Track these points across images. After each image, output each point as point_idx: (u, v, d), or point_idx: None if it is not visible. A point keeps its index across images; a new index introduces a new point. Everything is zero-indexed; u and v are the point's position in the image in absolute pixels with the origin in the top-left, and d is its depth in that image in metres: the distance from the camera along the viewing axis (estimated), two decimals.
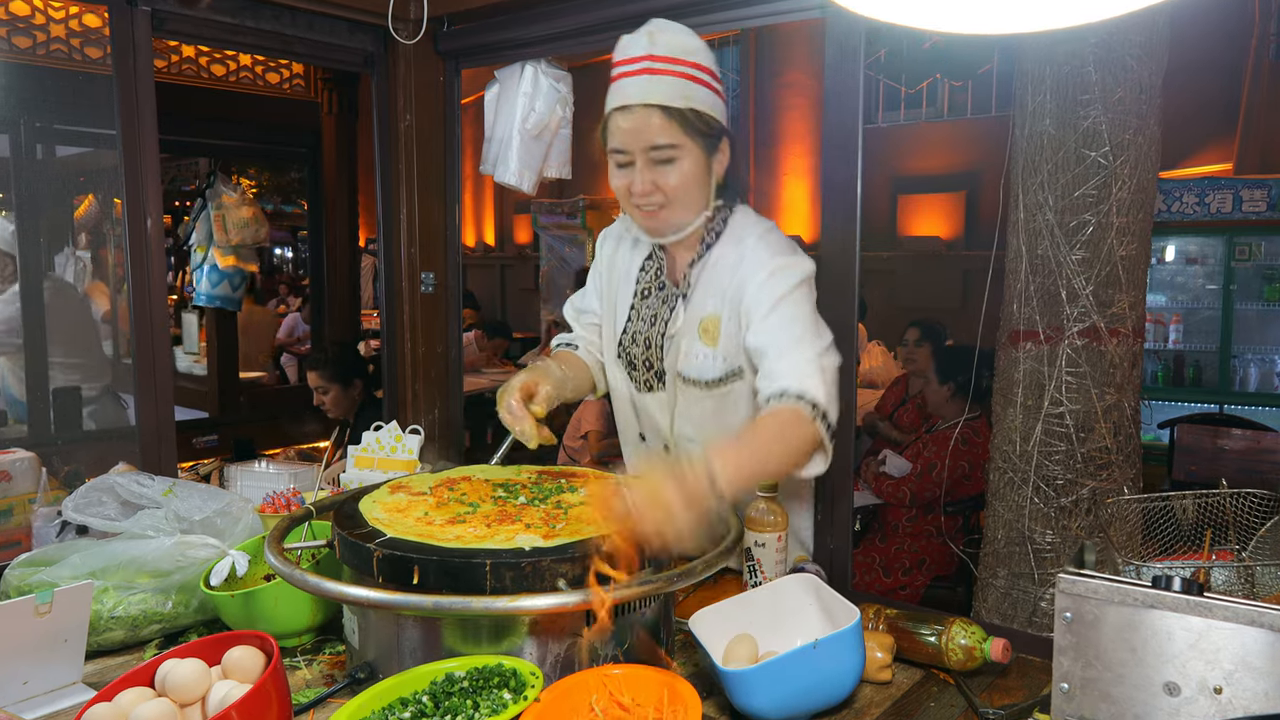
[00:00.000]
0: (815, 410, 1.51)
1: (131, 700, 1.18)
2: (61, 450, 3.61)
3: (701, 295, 1.74)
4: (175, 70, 4.45)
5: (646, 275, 1.85)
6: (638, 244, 1.89)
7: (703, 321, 1.73)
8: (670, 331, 1.77)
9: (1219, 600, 0.99)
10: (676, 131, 1.62)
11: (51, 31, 3.60)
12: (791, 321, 1.61)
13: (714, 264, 1.73)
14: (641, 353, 1.82)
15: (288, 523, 1.56)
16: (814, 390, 1.53)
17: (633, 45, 1.65)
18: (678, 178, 1.65)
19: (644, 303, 1.84)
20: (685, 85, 1.62)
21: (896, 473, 3.94)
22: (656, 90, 1.61)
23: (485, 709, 1.15)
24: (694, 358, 1.74)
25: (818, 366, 1.56)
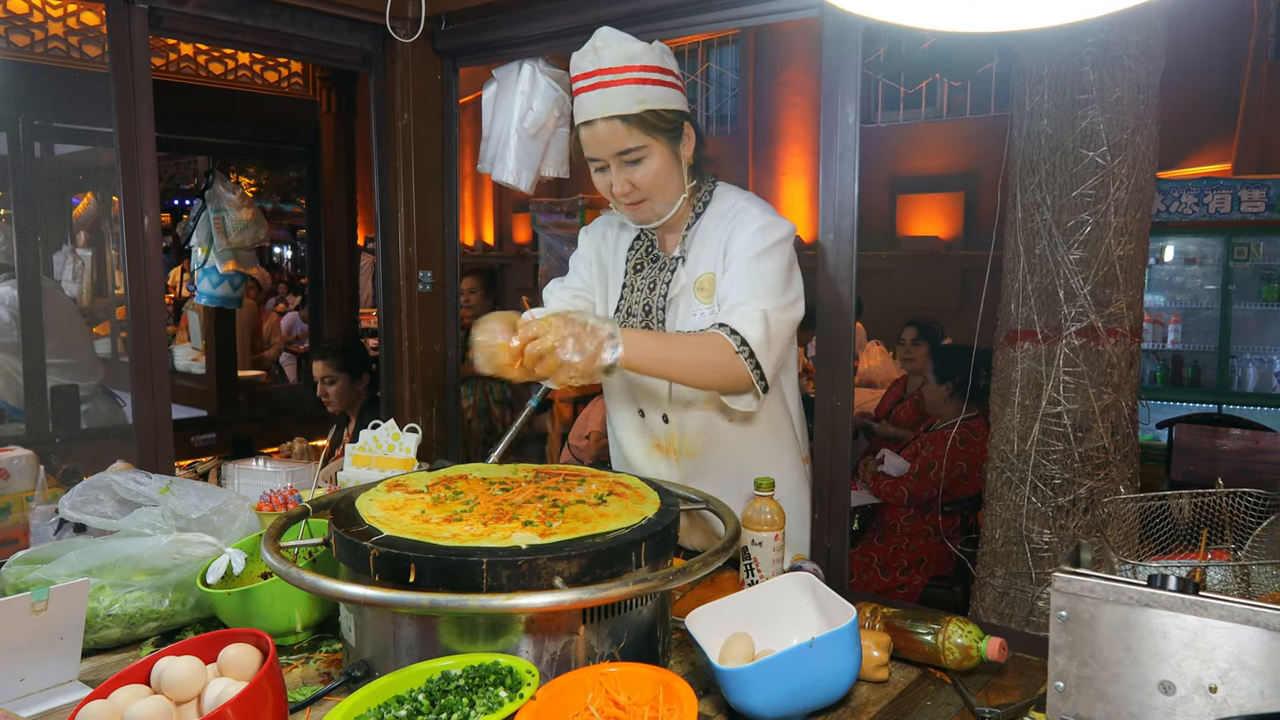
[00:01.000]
0: (743, 347, 1.67)
1: (127, 698, 1.18)
2: (59, 448, 3.61)
3: (696, 256, 1.88)
4: (173, 69, 4.44)
5: (637, 252, 1.99)
6: (625, 226, 2.03)
7: (698, 280, 1.87)
8: (671, 294, 1.89)
9: (1215, 599, 0.99)
10: (639, 134, 1.76)
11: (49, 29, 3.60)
12: (758, 275, 1.75)
13: (705, 229, 1.88)
14: (640, 322, 1.93)
15: (284, 521, 1.56)
16: (748, 330, 1.68)
17: (584, 61, 1.79)
18: (649, 173, 1.80)
19: (638, 275, 1.97)
20: (636, 90, 1.75)
21: (894, 472, 3.95)
22: (612, 103, 1.75)
23: (481, 707, 1.15)
24: (693, 315, 1.86)
25: (761, 314, 1.70)
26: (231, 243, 4.85)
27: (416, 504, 1.49)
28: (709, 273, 1.85)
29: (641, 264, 1.98)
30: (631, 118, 1.75)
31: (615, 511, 1.44)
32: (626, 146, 1.77)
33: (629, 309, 1.96)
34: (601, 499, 1.51)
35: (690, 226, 1.90)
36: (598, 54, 1.77)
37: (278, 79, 4.92)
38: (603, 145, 1.78)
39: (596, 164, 1.83)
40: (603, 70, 1.76)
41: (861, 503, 3.95)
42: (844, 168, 1.93)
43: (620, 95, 1.75)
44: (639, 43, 1.79)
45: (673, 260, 1.91)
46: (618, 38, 1.79)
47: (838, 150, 1.93)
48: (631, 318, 1.95)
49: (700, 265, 1.87)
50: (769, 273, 1.76)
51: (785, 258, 1.80)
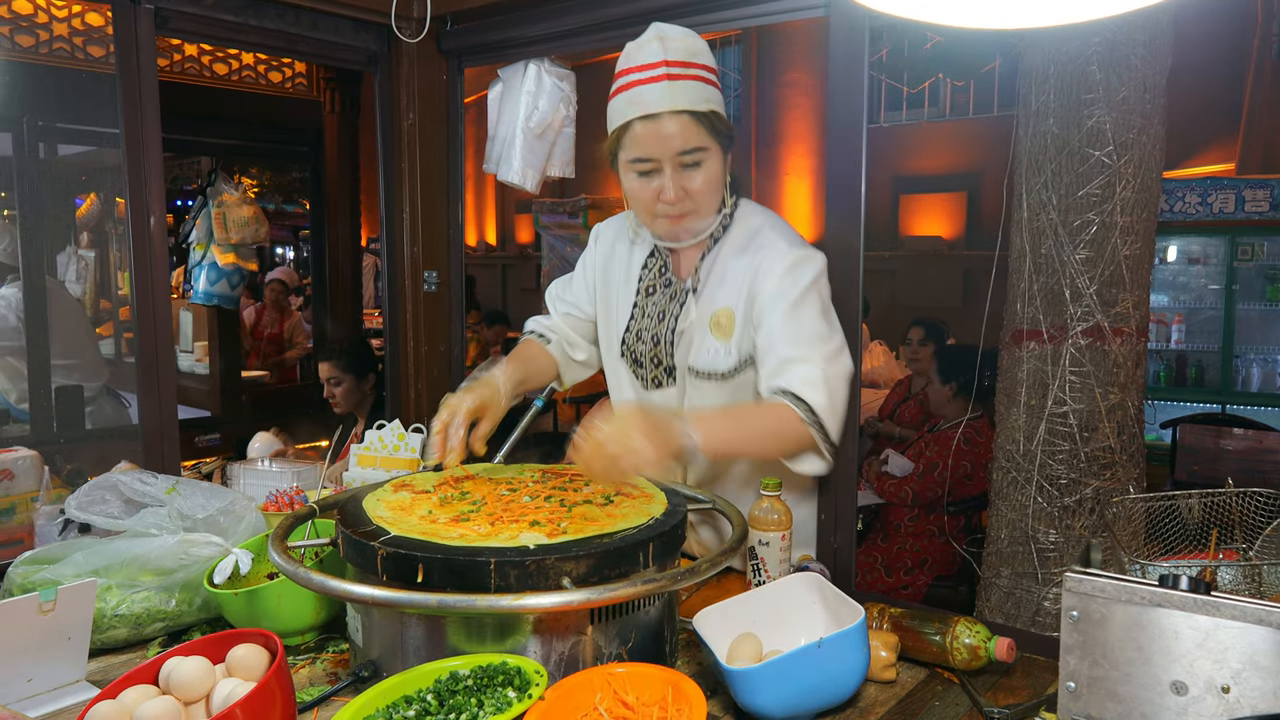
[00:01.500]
0: (811, 415, 1.55)
1: (136, 698, 1.18)
2: (63, 449, 3.61)
3: (713, 289, 1.75)
4: (178, 69, 4.45)
5: (650, 273, 1.85)
6: (638, 242, 1.89)
7: (715, 315, 1.74)
8: (681, 327, 1.77)
9: (1227, 599, 0.99)
10: (704, 135, 1.64)
11: (54, 30, 3.60)
12: (802, 322, 1.63)
13: (724, 258, 1.75)
14: (649, 350, 1.82)
15: (292, 520, 1.56)
16: (813, 396, 1.56)
17: (644, 52, 1.64)
18: (704, 181, 1.66)
19: (649, 300, 1.84)
20: (704, 88, 1.64)
21: (899, 472, 3.94)
22: (681, 96, 1.61)
23: (490, 707, 1.15)
24: (706, 351, 1.75)
25: (823, 375, 1.58)
26: (231, 238, 4.85)
27: (424, 504, 1.49)
28: (726, 308, 1.73)
29: (654, 286, 1.84)
30: (700, 115, 1.62)
31: (623, 512, 1.44)
32: (691, 146, 1.63)
33: (638, 333, 1.85)
34: (609, 499, 1.51)
35: (707, 254, 1.77)
36: (664, 44, 1.63)
37: (281, 79, 4.93)
38: (664, 143, 1.62)
39: (645, 165, 1.66)
40: (670, 63, 1.62)
41: (866, 503, 3.95)
42: (850, 168, 1.92)
43: (691, 90, 1.62)
44: (701, 40, 1.68)
45: (684, 291, 1.79)
46: (681, 31, 1.67)
47: (844, 150, 1.92)
48: (640, 344, 1.85)
49: (717, 300, 1.75)
50: (811, 321, 1.64)
51: (822, 299, 1.69)
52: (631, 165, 1.67)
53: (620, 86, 1.66)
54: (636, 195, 1.70)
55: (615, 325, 1.90)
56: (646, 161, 1.65)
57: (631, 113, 1.63)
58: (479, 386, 1.73)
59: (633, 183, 1.69)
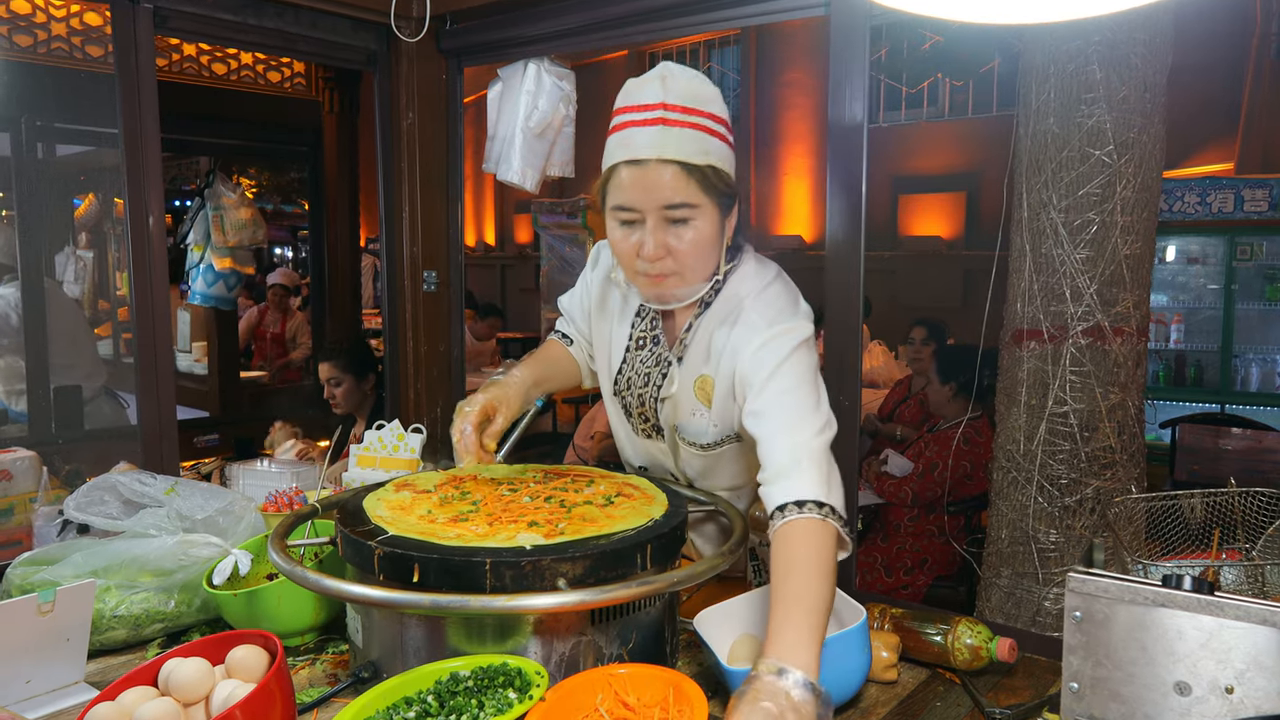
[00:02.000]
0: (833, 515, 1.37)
1: (135, 699, 1.18)
2: (62, 449, 3.60)
3: (694, 357, 1.64)
4: (176, 69, 4.44)
5: (641, 324, 1.73)
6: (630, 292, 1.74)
7: (697, 380, 1.64)
8: (664, 395, 1.67)
9: (1231, 599, 0.99)
10: (695, 190, 1.47)
11: (52, 30, 3.59)
12: (785, 394, 1.48)
13: (706, 327, 1.62)
14: (636, 406, 1.74)
15: (292, 520, 1.56)
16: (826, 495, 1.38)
17: (643, 91, 1.49)
18: (691, 241, 1.50)
19: (638, 354, 1.72)
20: (703, 139, 1.47)
21: (898, 472, 3.94)
22: (674, 144, 1.45)
23: (490, 708, 1.14)
24: (690, 418, 1.66)
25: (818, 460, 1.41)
26: (229, 241, 4.84)
27: (423, 504, 1.48)
28: (705, 375, 1.62)
29: (643, 341, 1.72)
30: (692, 168, 1.46)
31: (622, 513, 1.44)
32: (678, 200, 1.47)
33: (628, 382, 1.74)
34: (609, 500, 1.50)
35: (694, 320, 1.64)
36: (665, 85, 1.47)
37: (280, 79, 4.92)
38: (648, 193, 1.47)
39: (626, 215, 1.50)
40: (669, 106, 1.46)
41: (865, 503, 3.94)
42: (850, 167, 1.92)
43: (687, 139, 1.46)
44: (712, 86, 1.52)
45: (665, 361, 1.67)
46: (689, 74, 1.51)
47: (844, 149, 1.92)
48: (629, 393, 1.74)
49: (699, 368, 1.64)
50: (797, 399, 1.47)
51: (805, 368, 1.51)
52: (614, 213, 1.52)
53: (615, 125, 1.51)
54: (618, 247, 1.55)
55: (610, 363, 1.79)
56: (629, 211, 1.50)
57: (619, 155, 1.48)
58: (491, 386, 1.69)
59: (614, 232, 1.54)
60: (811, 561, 1.32)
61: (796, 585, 1.29)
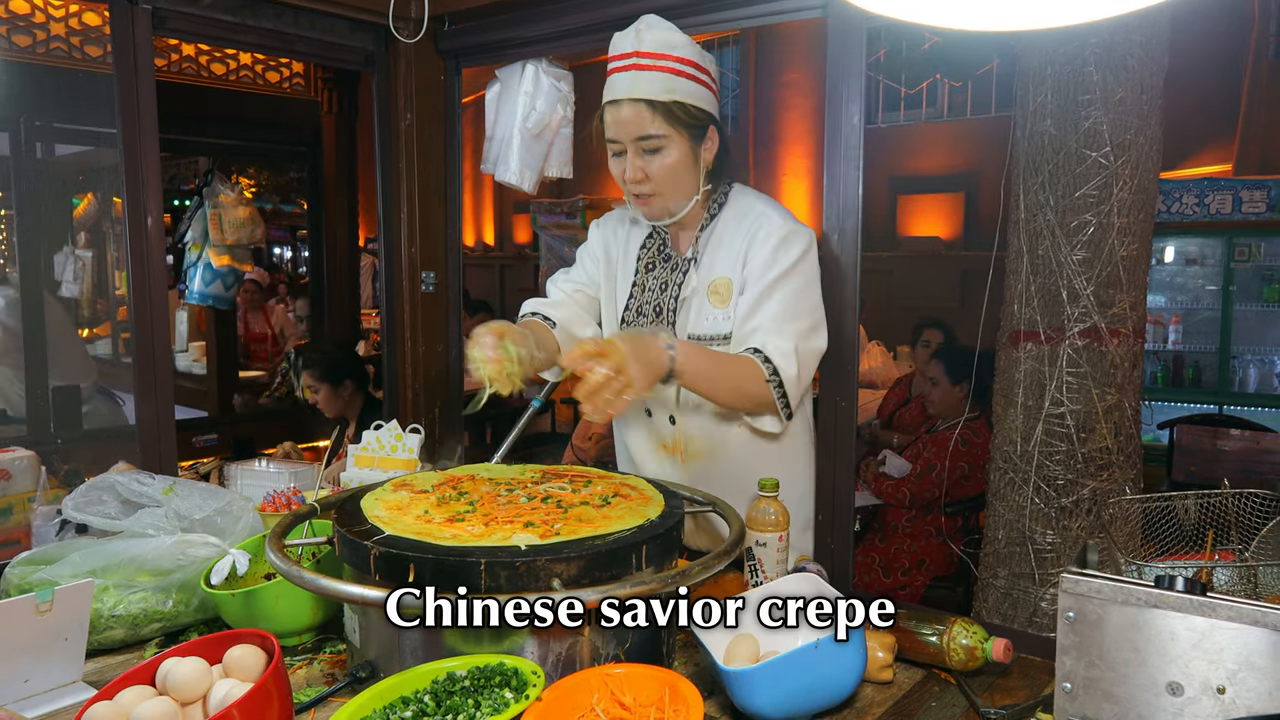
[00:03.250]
0: (774, 376, 1.71)
1: (132, 699, 1.18)
2: (60, 449, 3.61)
3: (710, 259, 1.86)
4: (174, 69, 4.44)
5: (649, 251, 1.97)
6: (637, 223, 2.01)
7: (713, 283, 1.85)
8: (684, 295, 1.88)
9: (1223, 600, 0.99)
10: (661, 123, 1.74)
11: (51, 30, 3.59)
12: (786, 297, 1.76)
13: (721, 231, 1.86)
14: (650, 322, 1.93)
15: (291, 519, 1.56)
16: (783, 364, 1.72)
17: (622, 42, 1.77)
18: (664, 166, 1.77)
19: (649, 274, 1.96)
20: (669, 79, 1.74)
21: (896, 473, 3.94)
22: (642, 85, 1.73)
23: (487, 708, 1.15)
24: (706, 318, 1.85)
25: (794, 348, 1.73)
26: (227, 239, 4.85)
27: (421, 504, 1.49)
28: (724, 277, 1.84)
29: (653, 263, 1.96)
30: (658, 104, 1.73)
31: (619, 514, 1.44)
32: (647, 132, 1.75)
33: (639, 308, 1.95)
34: (606, 500, 1.51)
35: (705, 227, 1.88)
36: (639, 36, 1.75)
37: (279, 79, 4.92)
38: (624, 128, 1.76)
39: (614, 147, 1.81)
40: (640, 54, 1.74)
41: (863, 504, 3.94)
42: (848, 168, 1.92)
43: (652, 80, 1.73)
44: (681, 35, 1.78)
45: (685, 261, 1.90)
46: (662, 25, 1.78)
47: (841, 150, 1.92)
48: (642, 317, 1.95)
49: (715, 269, 1.86)
50: (793, 297, 1.77)
51: (806, 276, 1.80)
52: (606, 144, 1.82)
53: (605, 73, 1.80)
54: (613, 173, 1.84)
55: (616, 303, 2.00)
56: (613, 143, 1.79)
57: (605, 97, 1.79)
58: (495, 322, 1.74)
59: (610, 161, 1.83)
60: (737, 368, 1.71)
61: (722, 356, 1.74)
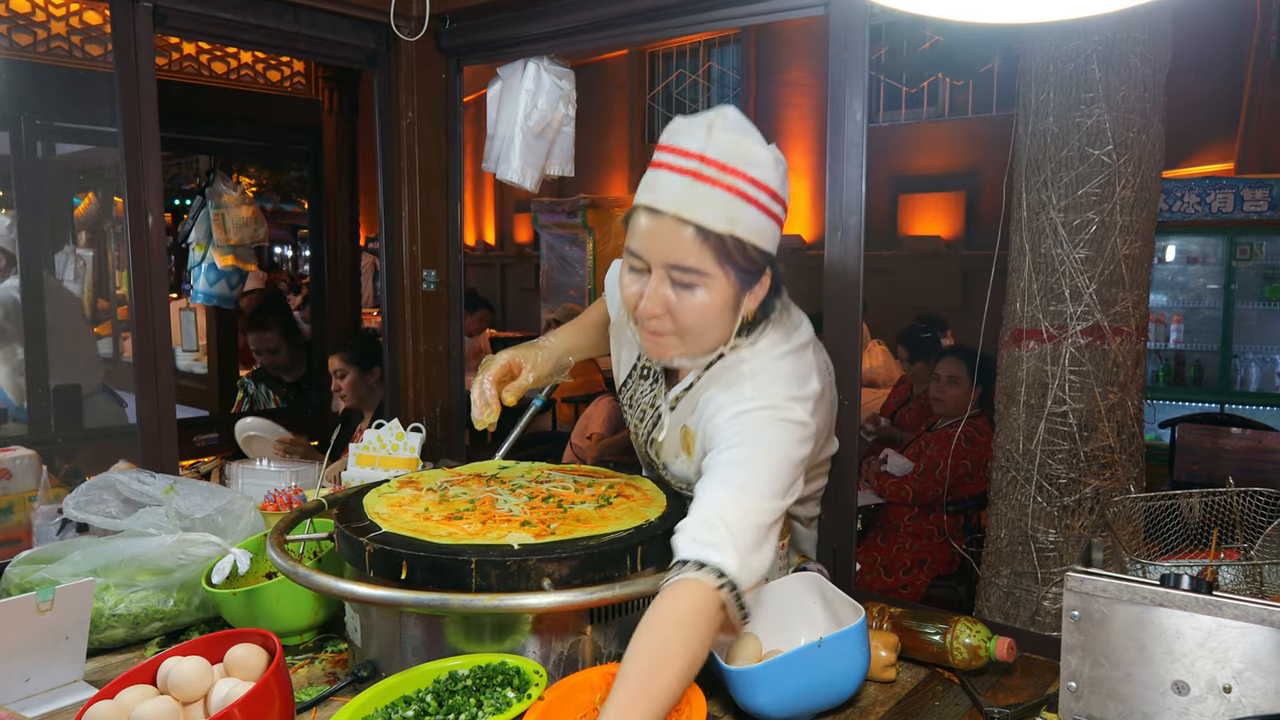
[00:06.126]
0: (728, 587, 1.22)
1: (134, 698, 1.18)
2: (62, 448, 3.60)
3: (684, 408, 1.57)
4: (175, 68, 4.43)
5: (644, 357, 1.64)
6: None
7: (682, 429, 1.57)
8: (656, 437, 1.62)
9: (1229, 599, 0.99)
10: (708, 258, 1.34)
11: (52, 29, 3.59)
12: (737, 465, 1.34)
13: (701, 385, 1.52)
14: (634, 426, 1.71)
15: (294, 517, 1.56)
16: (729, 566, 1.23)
17: (686, 135, 1.36)
18: (694, 308, 1.38)
19: (640, 383, 1.67)
20: (735, 205, 1.33)
21: (898, 471, 3.93)
22: (699, 204, 1.32)
23: (489, 707, 1.15)
24: (677, 463, 1.62)
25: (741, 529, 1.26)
26: (230, 239, 4.85)
27: (421, 501, 1.49)
28: (688, 427, 1.55)
29: (647, 371, 1.65)
30: (710, 234, 1.32)
31: (618, 514, 1.44)
32: (687, 264, 1.34)
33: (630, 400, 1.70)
34: (607, 501, 1.50)
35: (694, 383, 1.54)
36: (710, 134, 1.33)
37: (280, 78, 4.91)
38: (658, 246, 1.35)
39: (634, 261, 1.40)
40: (707, 159, 1.32)
41: (865, 503, 3.93)
42: (850, 166, 1.92)
43: (713, 200, 1.32)
44: (764, 147, 1.36)
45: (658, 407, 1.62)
46: (742, 126, 1.36)
47: (844, 148, 1.92)
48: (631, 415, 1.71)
49: (683, 417, 1.57)
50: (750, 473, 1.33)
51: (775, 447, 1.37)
52: (626, 254, 1.42)
53: (652, 162, 1.39)
54: (623, 290, 1.44)
55: (620, 370, 1.73)
56: (636, 258, 1.39)
57: (643, 198, 1.37)
58: (521, 347, 1.68)
59: (624, 274, 1.44)
60: (670, 636, 1.18)
61: (640, 662, 1.16)
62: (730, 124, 1.35)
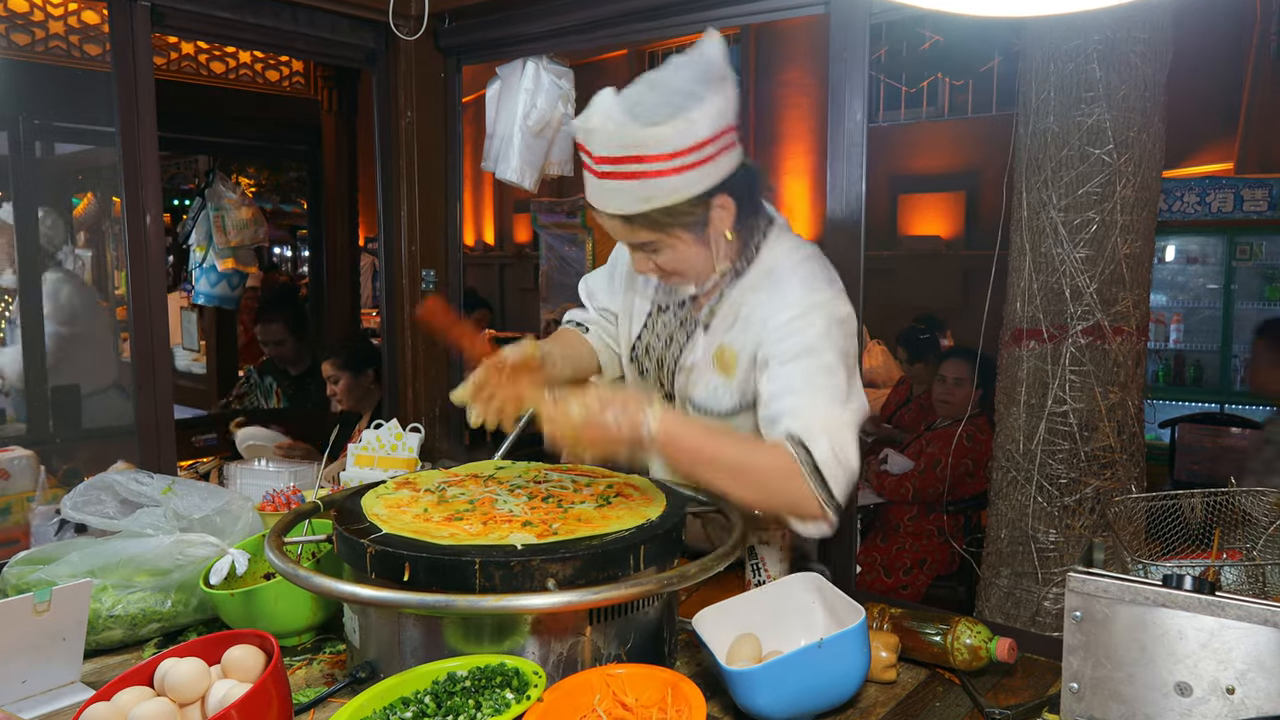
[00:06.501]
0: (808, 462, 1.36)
1: (130, 699, 1.17)
2: (59, 448, 3.60)
3: (721, 325, 1.60)
4: (174, 68, 4.42)
5: (663, 290, 1.71)
6: None
7: (719, 350, 1.60)
8: (686, 360, 1.64)
9: (1232, 599, 0.98)
10: (645, 232, 1.48)
11: (50, 28, 3.58)
12: (814, 373, 1.45)
13: (738, 298, 1.58)
14: (654, 369, 1.72)
15: (291, 518, 1.55)
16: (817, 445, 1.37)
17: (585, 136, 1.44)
18: (669, 260, 1.53)
19: (660, 316, 1.72)
20: (637, 187, 1.41)
21: (898, 471, 3.93)
22: (609, 199, 1.45)
23: (488, 709, 1.14)
24: (707, 387, 1.62)
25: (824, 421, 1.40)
26: (230, 241, 4.84)
27: (421, 502, 1.48)
28: (731, 348, 1.58)
29: (667, 304, 1.71)
30: (635, 216, 1.45)
31: (619, 514, 1.43)
32: (638, 241, 1.50)
33: (647, 346, 1.74)
34: (607, 500, 1.50)
35: (725, 290, 1.60)
36: (589, 137, 1.42)
37: (279, 78, 4.90)
38: (613, 233, 1.53)
39: None
40: (599, 159, 1.42)
41: (865, 503, 3.93)
42: (850, 165, 1.91)
43: (617, 192, 1.43)
44: (647, 127, 1.38)
45: (693, 322, 1.65)
46: (614, 121, 1.39)
47: (844, 147, 1.91)
48: (647, 358, 1.73)
49: (724, 337, 1.59)
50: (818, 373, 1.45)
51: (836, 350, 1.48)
52: None
53: None
54: None
55: (630, 330, 1.78)
56: None
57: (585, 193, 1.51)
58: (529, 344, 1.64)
59: None
60: (754, 457, 1.41)
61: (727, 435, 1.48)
62: (600, 120, 1.41)
